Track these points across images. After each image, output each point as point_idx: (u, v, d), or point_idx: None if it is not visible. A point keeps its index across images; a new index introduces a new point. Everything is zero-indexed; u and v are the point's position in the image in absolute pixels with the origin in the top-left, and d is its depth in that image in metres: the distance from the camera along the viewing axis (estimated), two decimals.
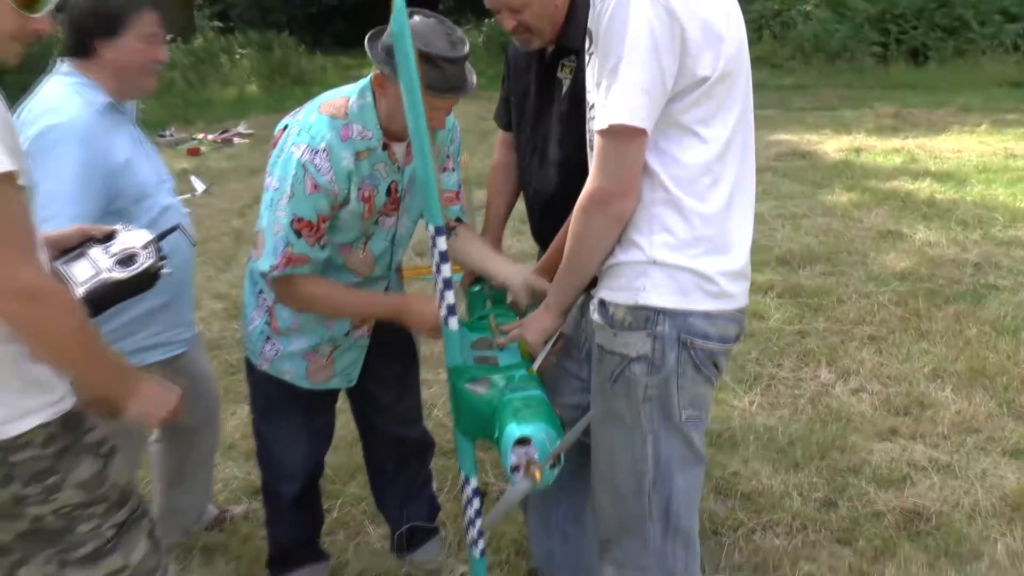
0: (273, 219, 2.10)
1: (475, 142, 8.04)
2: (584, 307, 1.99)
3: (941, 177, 7.21)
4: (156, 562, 1.74)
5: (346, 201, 2.14)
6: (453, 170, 2.40)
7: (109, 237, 1.85)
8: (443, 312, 1.94)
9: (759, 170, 6.82)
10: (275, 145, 2.19)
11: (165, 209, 2.34)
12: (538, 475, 1.72)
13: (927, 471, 3.12)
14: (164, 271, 1.85)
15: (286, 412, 2.47)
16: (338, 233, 2.19)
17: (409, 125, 1.79)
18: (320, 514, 2.71)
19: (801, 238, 5.79)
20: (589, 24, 1.74)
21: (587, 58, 1.79)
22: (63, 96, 2.20)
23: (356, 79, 2.23)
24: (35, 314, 1.45)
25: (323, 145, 2.07)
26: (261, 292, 2.35)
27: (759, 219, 6.02)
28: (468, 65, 2.11)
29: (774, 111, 10.58)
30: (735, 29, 1.76)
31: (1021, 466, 3.14)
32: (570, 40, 2.26)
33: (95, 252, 1.81)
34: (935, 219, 6.09)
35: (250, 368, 2.47)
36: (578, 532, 2.24)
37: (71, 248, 1.81)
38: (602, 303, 1.81)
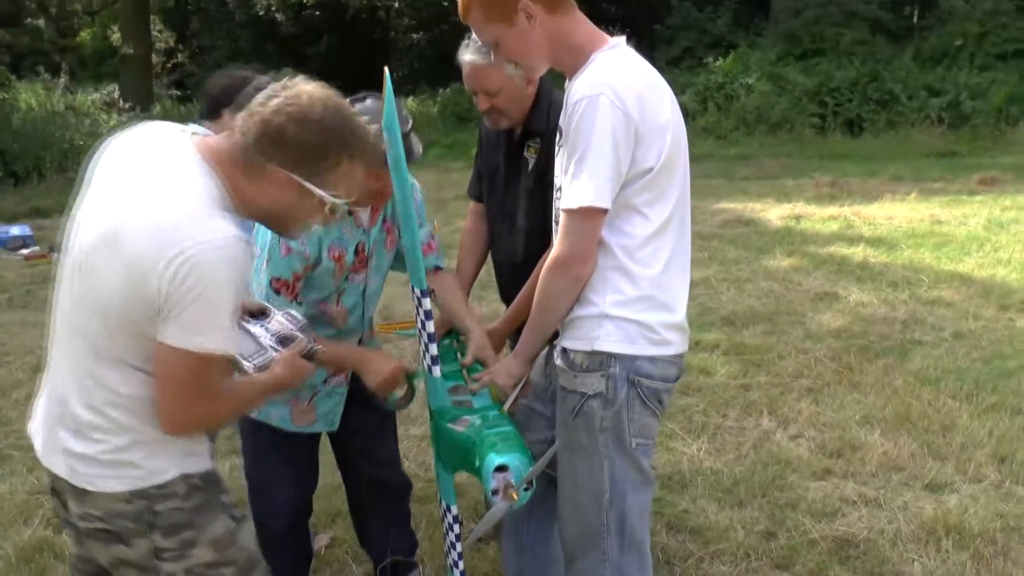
0: (257, 282, 2.38)
1: (432, 211, 8.22)
2: (549, 355, 2.30)
3: (874, 242, 7.63)
4: None
5: (318, 261, 2.41)
6: (422, 225, 2.61)
7: (263, 312, 2.03)
8: (427, 362, 2.24)
9: (706, 237, 7.27)
10: None
11: None
12: (515, 496, 2.03)
13: (856, 504, 3.43)
14: (318, 354, 2.04)
15: (274, 455, 2.69)
16: (313, 291, 2.46)
17: (398, 202, 2.12)
18: (309, 550, 2.92)
19: (745, 300, 6.13)
20: (560, 122, 2.06)
21: (557, 149, 2.12)
22: None
23: None
24: (211, 427, 1.84)
25: None
26: None
27: (706, 283, 6.42)
28: (414, 136, 2.41)
29: (719, 180, 11.03)
30: (675, 120, 2.08)
31: (938, 498, 3.47)
32: (535, 124, 2.62)
33: (256, 329, 1.96)
34: (868, 281, 6.49)
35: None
36: (545, 552, 2.47)
37: None
38: (564, 350, 2.12)
